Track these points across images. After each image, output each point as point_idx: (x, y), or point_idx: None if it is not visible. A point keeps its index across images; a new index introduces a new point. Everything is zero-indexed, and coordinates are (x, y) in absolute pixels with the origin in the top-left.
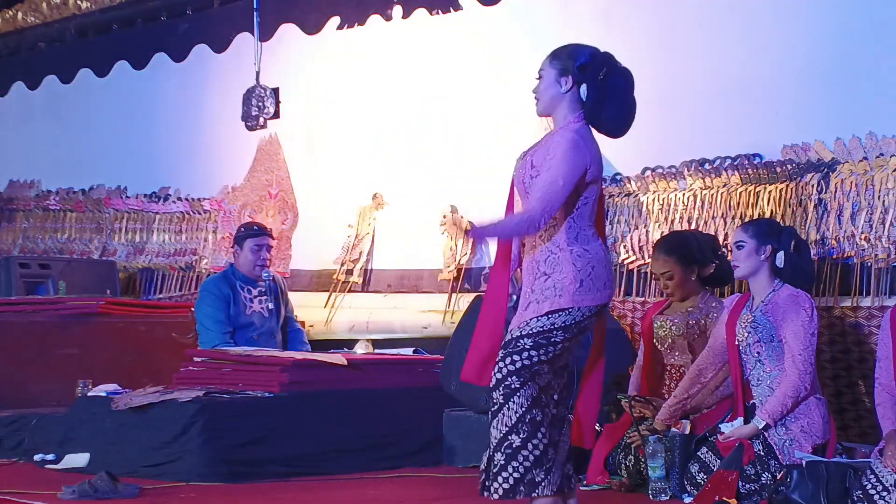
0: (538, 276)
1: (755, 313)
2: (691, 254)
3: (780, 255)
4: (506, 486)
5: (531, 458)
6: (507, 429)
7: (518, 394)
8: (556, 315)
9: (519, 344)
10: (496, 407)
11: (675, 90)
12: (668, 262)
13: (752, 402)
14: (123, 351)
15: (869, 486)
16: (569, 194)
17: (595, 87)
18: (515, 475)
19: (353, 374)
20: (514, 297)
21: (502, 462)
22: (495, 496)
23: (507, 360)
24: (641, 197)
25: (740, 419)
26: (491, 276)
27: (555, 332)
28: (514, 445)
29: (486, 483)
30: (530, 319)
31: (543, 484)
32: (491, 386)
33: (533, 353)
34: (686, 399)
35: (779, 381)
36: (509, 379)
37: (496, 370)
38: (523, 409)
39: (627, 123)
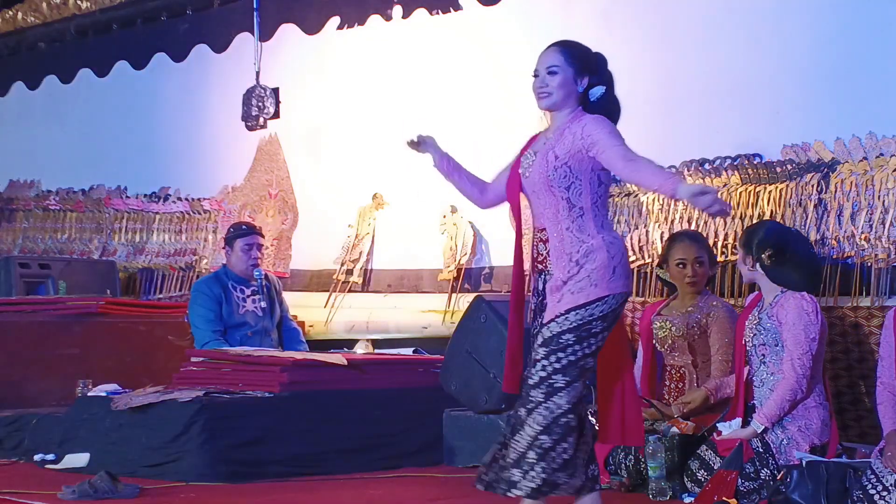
0: (570, 266)
1: (762, 315)
2: (712, 250)
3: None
4: (533, 484)
5: (559, 460)
6: (541, 429)
7: (560, 394)
8: (594, 305)
9: (562, 340)
10: (532, 405)
11: (675, 90)
12: (701, 248)
13: (752, 402)
14: (123, 351)
15: (869, 486)
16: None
17: (606, 90)
18: (543, 475)
19: (353, 374)
20: (533, 298)
21: (533, 461)
22: (520, 493)
23: (552, 358)
24: (641, 197)
25: (738, 420)
26: (512, 284)
27: (594, 323)
28: (544, 446)
29: (510, 479)
30: (568, 312)
31: (563, 486)
32: (530, 383)
33: (577, 347)
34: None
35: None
36: (554, 377)
37: (538, 368)
38: (561, 410)
39: (617, 122)
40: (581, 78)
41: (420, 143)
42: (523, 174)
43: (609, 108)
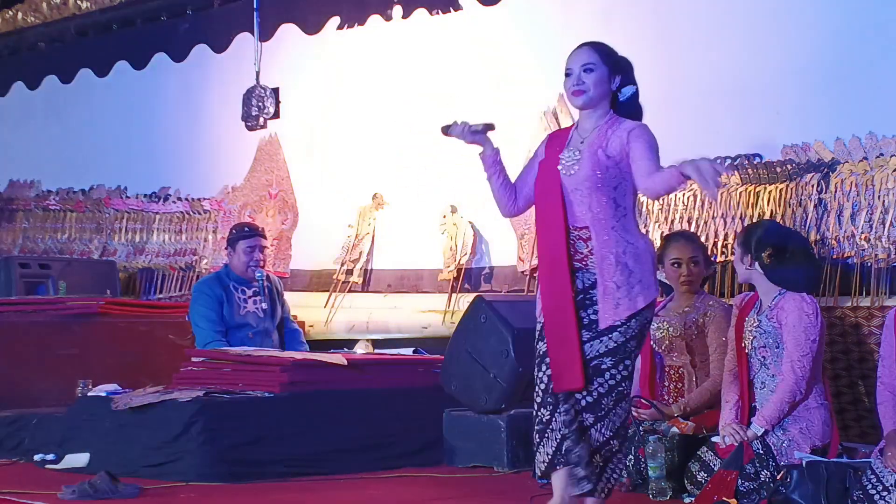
0: (619, 268)
1: (761, 317)
2: (707, 251)
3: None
4: (598, 485)
5: (623, 461)
6: (611, 434)
7: (625, 400)
8: (648, 309)
9: (628, 347)
10: (603, 412)
11: (675, 90)
12: (696, 248)
13: (754, 404)
14: (123, 351)
15: (869, 486)
16: None
17: (636, 91)
18: (615, 475)
19: (353, 374)
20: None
21: (600, 463)
22: (588, 486)
23: (620, 367)
24: (641, 197)
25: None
26: (549, 279)
27: (645, 328)
28: (613, 450)
29: (576, 475)
30: (629, 320)
31: (616, 483)
32: (601, 392)
33: (637, 352)
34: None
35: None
36: (622, 384)
37: (607, 377)
38: (625, 415)
39: None
40: (614, 77)
41: (481, 131)
42: (565, 172)
43: (637, 110)
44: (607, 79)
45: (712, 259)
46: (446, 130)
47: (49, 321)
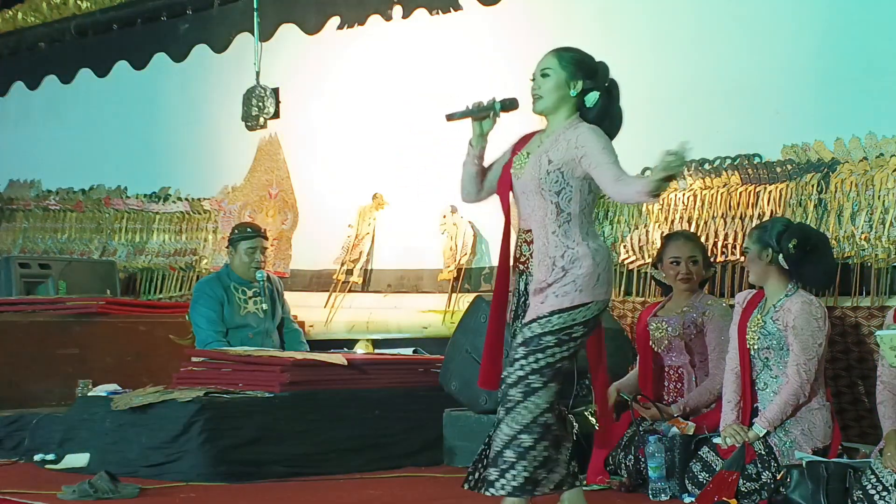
0: (555, 270)
1: (766, 318)
2: (706, 251)
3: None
4: (515, 483)
5: (539, 458)
6: (521, 428)
7: (537, 393)
8: (578, 311)
9: (542, 342)
10: (511, 404)
11: (675, 90)
12: (695, 247)
13: (756, 405)
14: (123, 351)
15: (869, 486)
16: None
17: (602, 96)
18: (525, 473)
19: (353, 374)
20: (513, 298)
21: (513, 460)
22: (502, 492)
23: (531, 358)
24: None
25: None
26: (497, 279)
27: (576, 328)
28: (524, 445)
29: (487, 478)
30: (551, 314)
31: (543, 482)
32: (509, 382)
33: (556, 350)
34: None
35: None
36: (531, 377)
37: (516, 367)
38: (540, 410)
39: (617, 133)
40: (574, 82)
41: (485, 113)
42: (515, 174)
43: (604, 116)
44: (565, 84)
45: (712, 260)
46: (452, 116)
47: (49, 321)
